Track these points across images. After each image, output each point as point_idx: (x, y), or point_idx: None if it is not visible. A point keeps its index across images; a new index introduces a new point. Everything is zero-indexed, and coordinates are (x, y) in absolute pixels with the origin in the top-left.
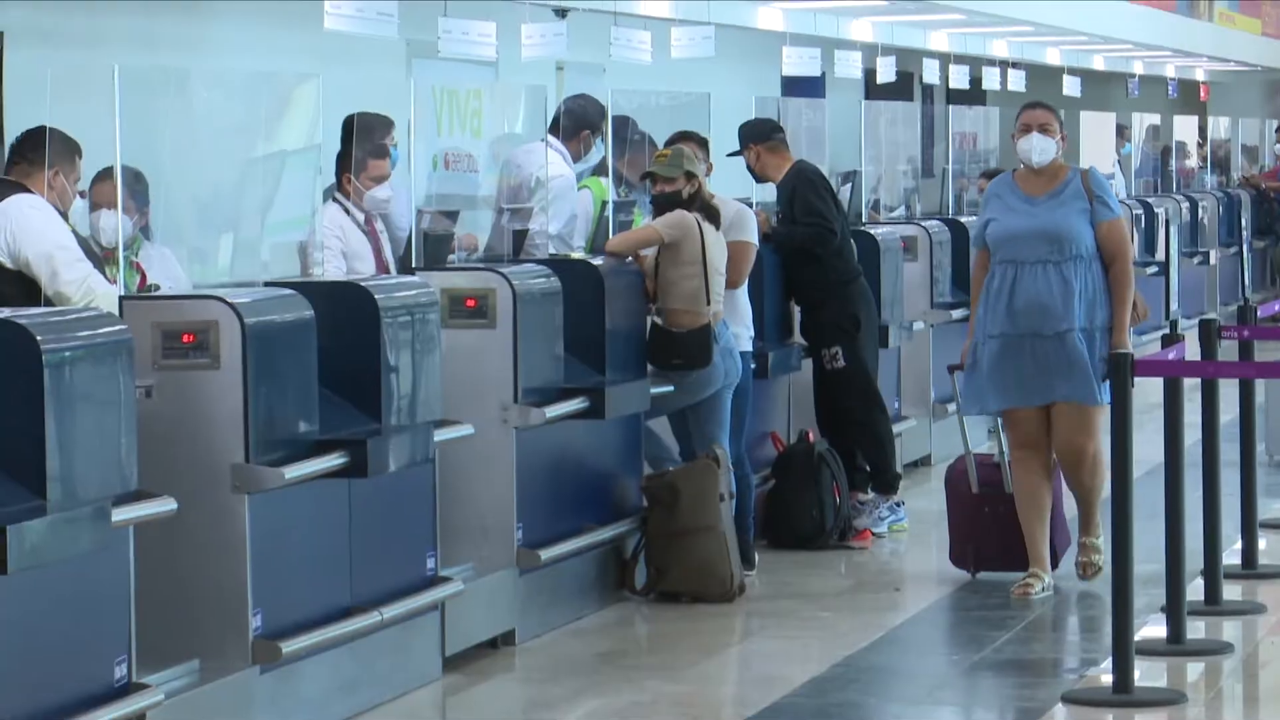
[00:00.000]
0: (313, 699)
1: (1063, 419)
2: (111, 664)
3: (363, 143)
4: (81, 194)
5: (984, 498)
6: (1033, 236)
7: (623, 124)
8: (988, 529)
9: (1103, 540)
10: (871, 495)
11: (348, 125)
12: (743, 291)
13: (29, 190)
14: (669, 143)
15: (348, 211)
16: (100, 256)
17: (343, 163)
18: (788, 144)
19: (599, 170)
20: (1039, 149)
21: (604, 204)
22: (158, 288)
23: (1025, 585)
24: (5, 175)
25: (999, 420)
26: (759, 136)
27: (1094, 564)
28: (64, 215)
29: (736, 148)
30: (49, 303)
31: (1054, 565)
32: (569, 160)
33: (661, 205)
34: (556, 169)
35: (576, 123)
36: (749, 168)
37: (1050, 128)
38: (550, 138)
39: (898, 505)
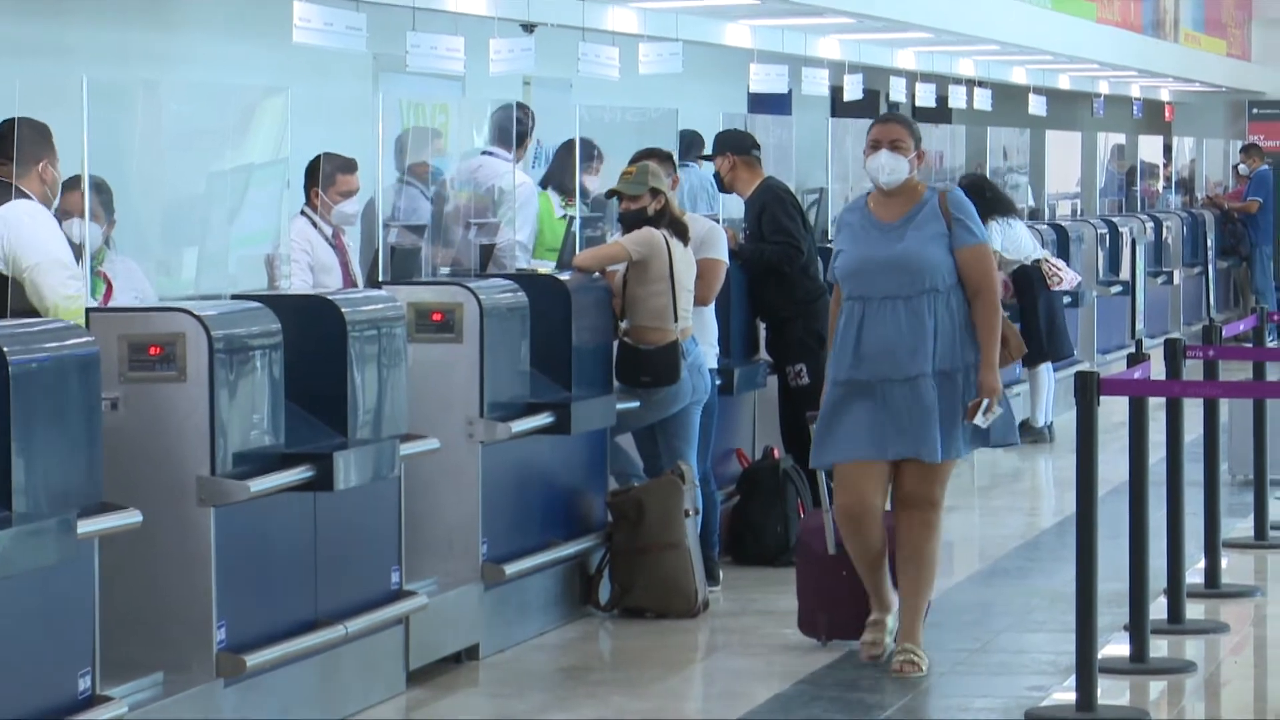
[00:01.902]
0: (276, 712)
1: (906, 476)
2: (75, 676)
3: (330, 159)
4: None
5: (841, 560)
6: (883, 268)
7: (587, 144)
8: (843, 594)
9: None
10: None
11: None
12: (709, 309)
13: (25, 193)
14: (634, 159)
15: (315, 225)
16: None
17: (312, 177)
18: (761, 162)
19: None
20: (888, 168)
21: (570, 220)
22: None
23: (871, 652)
24: None
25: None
26: (738, 148)
27: (914, 663)
28: (58, 211)
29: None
30: (34, 314)
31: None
32: (515, 164)
33: (629, 223)
34: (519, 177)
35: (522, 131)
36: (717, 175)
37: (903, 144)
38: (496, 149)
39: None
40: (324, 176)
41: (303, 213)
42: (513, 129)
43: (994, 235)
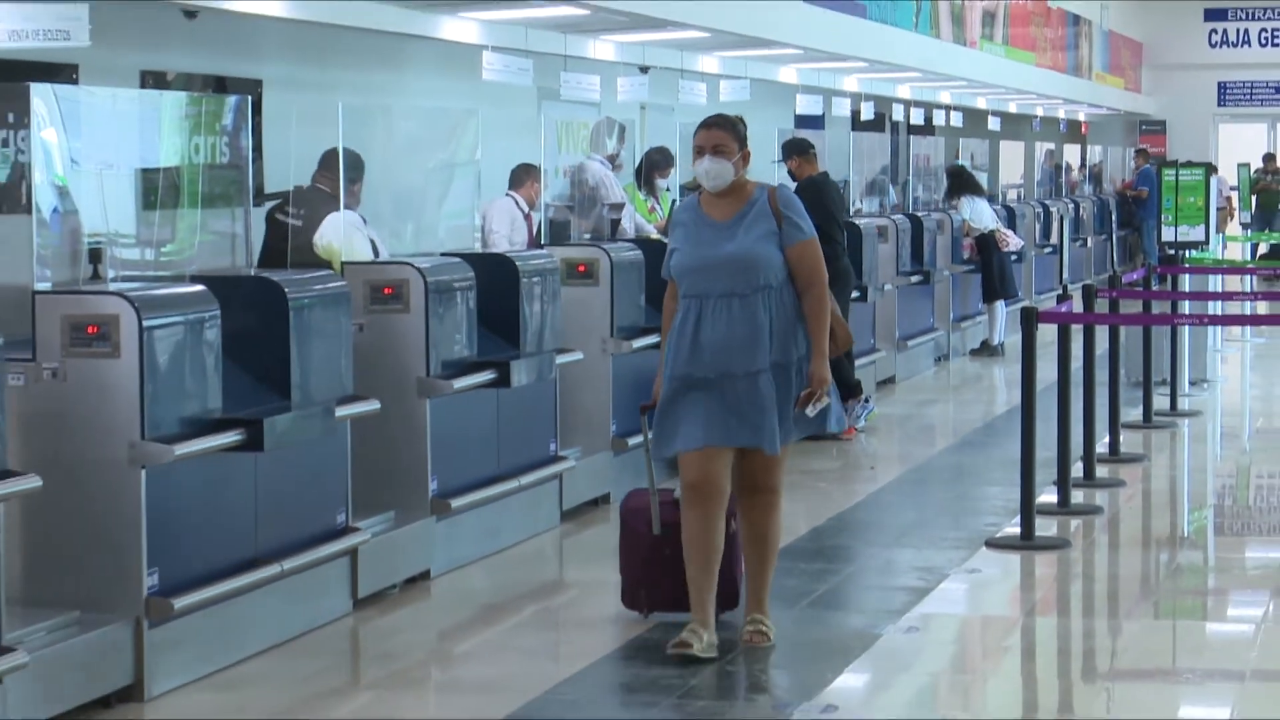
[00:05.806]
0: (471, 540)
1: (748, 466)
2: (335, 513)
3: (533, 166)
4: None
5: (664, 539)
6: (717, 267)
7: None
8: (665, 571)
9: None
10: (849, 403)
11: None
12: None
13: (348, 206)
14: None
15: (517, 204)
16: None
17: (527, 175)
18: (816, 158)
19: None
20: (712, 174)
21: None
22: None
23: (681, 643)
24: (319, 185)
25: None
26: (801, 150)
27: (763, 633)
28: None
29: (778, 157)
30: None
31: (734, 605)
32: (608, 166)
33: None
34: (599, 171)
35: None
36: (790, 172)
37: (725, 148)
38: (593, 154)
39: (867, 401)
40: (536, 174)
41: (508, 195)
42: (608, 138)
43: (964, 209)
